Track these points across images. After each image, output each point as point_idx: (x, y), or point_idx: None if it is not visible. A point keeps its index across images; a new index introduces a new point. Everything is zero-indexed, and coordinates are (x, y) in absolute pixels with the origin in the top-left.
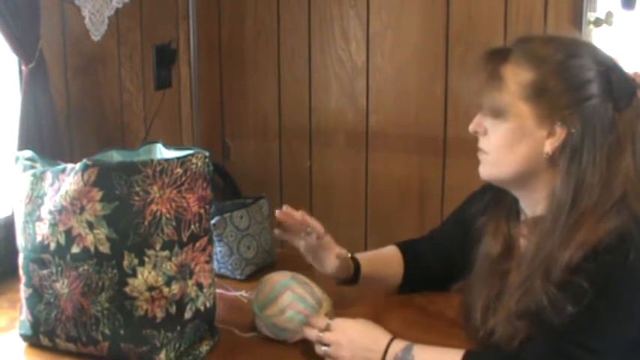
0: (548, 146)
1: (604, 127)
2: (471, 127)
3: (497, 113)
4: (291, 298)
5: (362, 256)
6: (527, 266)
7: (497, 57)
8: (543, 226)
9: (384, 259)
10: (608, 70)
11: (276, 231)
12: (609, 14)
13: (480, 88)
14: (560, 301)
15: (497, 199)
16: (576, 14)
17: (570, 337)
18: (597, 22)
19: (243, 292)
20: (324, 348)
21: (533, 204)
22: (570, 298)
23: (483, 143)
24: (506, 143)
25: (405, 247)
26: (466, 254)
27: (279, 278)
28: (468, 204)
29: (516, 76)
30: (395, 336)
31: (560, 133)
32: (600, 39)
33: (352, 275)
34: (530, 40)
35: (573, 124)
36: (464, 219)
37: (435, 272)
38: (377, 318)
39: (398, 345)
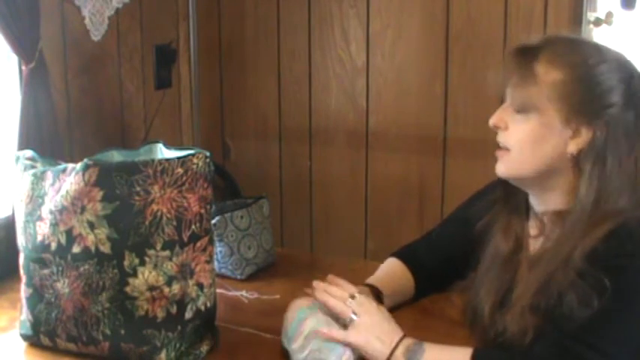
0: (573, 146)
1: (629, 133)
2: (492, 121)
3: (525, 108)
4: (315, 322)
5: (376, 282)
6: (547, 259)
7: (530, 53)
8: (565, 221)
9: (395, 277)
10: (631, 77)
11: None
12: (609, 14)
13: (510, 82)
14: (586, 292)
15: (506, 197)
16: (576, 14)
17: (581, 337)
18: (597, 22)
19: (243, 292)
20: (352, 315)
21: (546, 201)
22: (594, 290)
23: (504, 138)
24: (530, 139)
25: (404, 257)
26: (468, 253)
27: (301, 304)
28: (471, 203)
29: (547, 75)
30: (406, 334)
31: (586, 135)
32: (600, 39)
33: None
34: (559, 41)
35: (598, 127)
36: (467, 217)
37: (438, 273)
38: None
39: (409, 340)
